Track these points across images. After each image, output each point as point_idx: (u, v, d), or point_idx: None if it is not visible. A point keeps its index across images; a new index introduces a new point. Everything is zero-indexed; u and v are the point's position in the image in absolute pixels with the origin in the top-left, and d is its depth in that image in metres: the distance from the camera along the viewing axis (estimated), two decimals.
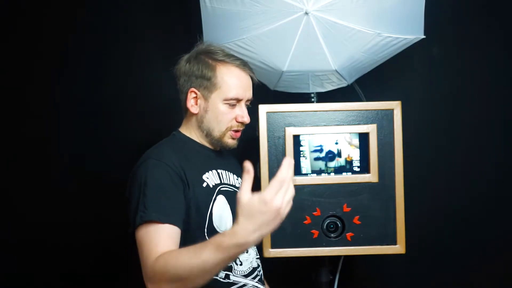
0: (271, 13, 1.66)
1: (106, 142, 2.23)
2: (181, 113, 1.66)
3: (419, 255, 2.16)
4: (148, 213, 1.34)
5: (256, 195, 1.06)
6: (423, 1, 1.80)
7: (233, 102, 1.55)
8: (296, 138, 1.74)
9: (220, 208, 1.52)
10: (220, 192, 1.54)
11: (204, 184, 1.51)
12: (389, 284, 2.31)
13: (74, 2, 2.22)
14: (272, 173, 1.72)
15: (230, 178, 1.60)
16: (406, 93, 2.18)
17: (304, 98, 1.96)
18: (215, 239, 1.13)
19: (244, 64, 1.58)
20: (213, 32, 1.80)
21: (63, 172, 2.23)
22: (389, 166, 1.74)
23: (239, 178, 1.65)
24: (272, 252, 1.72)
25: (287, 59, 1.75)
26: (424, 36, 1.82)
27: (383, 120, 1.74)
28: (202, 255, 1.14)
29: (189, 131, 1.59)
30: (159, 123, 2.19)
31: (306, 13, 1.64)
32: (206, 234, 1.47)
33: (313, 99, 1.96)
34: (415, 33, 1.81)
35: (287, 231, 1.72)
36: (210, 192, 1.52)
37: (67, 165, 2.23)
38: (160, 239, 1.30)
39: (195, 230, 1.45)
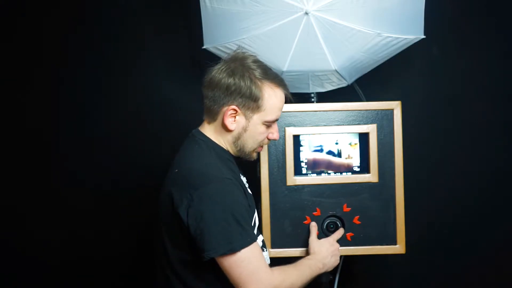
0: (271, 13, 1.66)
1: (106, 142, 2.23)
2: (181, 113, 1.65)
3: (419, 255, 2.16)
4: (250, 236, 1.41)
5: (324, 239, 1.68)
6: (423, 1, 1.80)
7: (271, 124, 1.53)
8: (296, 138, 1.74)
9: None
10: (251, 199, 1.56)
11: (249, 190, 1.54)
12: (389, 284, 2.31)
13: (74, 2, 2.22)
14: (272, 173, 1.72)
15: (244, 180, 1.60)
16: (406, 93, 2.18)
17: (304, 98, 1.96)
18: (310, 262, 1.58)
19: (284, 84, 1.54)
20: (213, 32, 1.80)
21: (63, 174, 2.23)
22: (389, 166, 1.74)
23: (244, 178, 1.65)
24: (272, 252, 1.72)
25: (287, 59, 1.75)
26: (424, 36, 1.82)
27: (383, 120, 1.74)
28: (305, 273, 1.52)
29: (217, 138, 1.53)
30: (159, 123, 2.20)
31: (306, 13, 1.64)
32: None
33: (313, 99, 1.96)
34: (415, 33, 1.81)
35: (287, 231, 1.72)
36: (252, 199, 1.54)
37: (67, 166, 2.23)
38: (262, 256, 1.44)
39: None
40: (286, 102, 1.55)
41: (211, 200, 1.37)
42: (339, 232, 1.70)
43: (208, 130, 1.53)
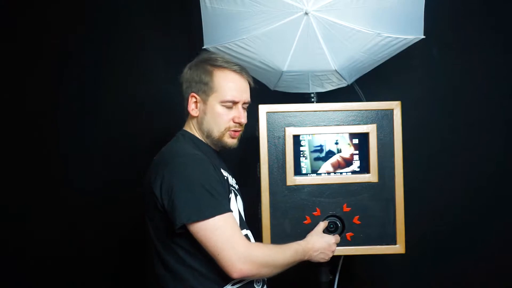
0: (271, 13, 1.66)
1: (106, 143, 2.23)
2: (181, 113, 1.66)
3: (419, 255, 2.16)
4: (223, 205, 1.46)
5: (327, 235, 1.69)
6: (423, 1, 1.80)
7: (230, 105, 1.59)
8: (296, 138, 1.74)
9: (235, 205, 1.57)
10: (232, 189, 1.59)
11: (225, 178, 1.58)
12: (389, 284, 2.31)
13: (74, 2, 2.22)
14: (272, 173, 1.72)
15: (230, 179, 1.62)
16: (406, 93, 2.18)
17: (304, 98, 1.96)
18: (295, 245, 1.58)
19: (241, 69, 1.63)
20: (213, 32, 1.80)
21: (63, 173, 2.23)
22: (389, 166, 1.74)
23: (233, 179, 1.68)
24: None
25: (287, 59, 1.75)
26: (423, 36, 1.82)
27: (383, 120, 1.74)
28: (287, 252, 1.54)
29: (193, 130, 1.63)
30: (160, 123, 2.20)
31: (306, 13, 1.64)
32: None
33: (313, 99, 1.96)
34: (415, 33, 1.81)
35: (287, 231, 1.72)
36: (226, 184, 1.57)
37: (67, 166, 2.23)
38: (238, 227, 1.48)
39: None
40: (251, 89, 1.65)
41: (179, 172, 1.46)
42: (337, 237, 1.70)
43: (187, 126, 1.66)
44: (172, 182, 1.45)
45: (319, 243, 1.63)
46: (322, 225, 1.69)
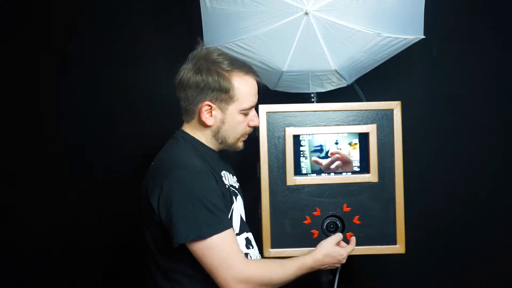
0: (271, 13, 1.66)
1: (106, 142, 2.23)
2: (180, 112, 1.65)
3: (419, 255, 2.16)
4: (222, 223, 1.41)
5: (339, 248, 1.62)
6: (423, 1, 1.80)
7: (248, 112, 1.56)
8: (296, 138, 1.74)
9: (236, 209, 1.55)
10: (232, 193, 1.56)
11: (227, 186, 1.55)
12: (389, 284, 2.31)
13: (75, 2, 2.22)
14: (272, 173, 1.72)
15: (230, 179, 1.61)
16: (406, 93, 2.18)
17: (304, 98, 1.97)
18: (301, 261, 1.53)
19: (252, 71, 1.57)
20: (213, 32, 1.80)
21: (63, 173, 2.23)
22: (389, 166, 1.74)
23: (234, 177, 1.67)
24: (272, 252, 1.72)
25: (287, 59, 1.75)
26: (423, 36, 1.82)
27: (383, 120, 1.74)
28: (289, 270, 1.49)
29: (197, 134, 1.56)
30: (159, 123, 2.20)
31: (306, 13, 1.64)
32: None
33: (313, 99, 1.96)
34: (415, 33, 1.81)
35: (287, 231, 1.72)
36: (228, 193, 1.54)
37: (66, 165, 2.23)
38: (236, 244, 1.44)
39: None
40: (258, 88, 1.57)
41: (179, 186, 1.40)
42: (352, 246, 1.67)
43: (188, 128, 1.57)
44: (170, 196, 1.40)
45: (329, 259, 1.58)
46: (338, 237, 1.63)
